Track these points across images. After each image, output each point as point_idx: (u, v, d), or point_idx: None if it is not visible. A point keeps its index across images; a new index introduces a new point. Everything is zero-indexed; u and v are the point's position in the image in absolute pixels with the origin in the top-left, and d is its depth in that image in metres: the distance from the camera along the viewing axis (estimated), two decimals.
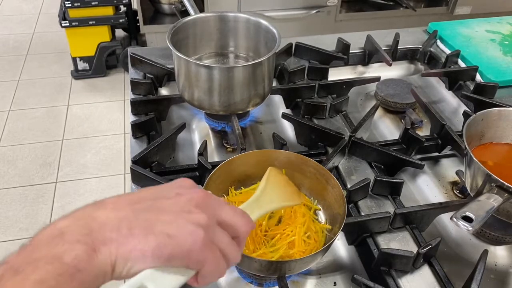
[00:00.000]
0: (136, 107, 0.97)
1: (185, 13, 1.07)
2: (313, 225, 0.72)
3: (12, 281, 0.35)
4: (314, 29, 2.38)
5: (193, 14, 1.02)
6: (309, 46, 1.14)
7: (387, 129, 1.03)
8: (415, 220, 0.77)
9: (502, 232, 0.77)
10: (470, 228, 0.61)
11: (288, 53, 1.15)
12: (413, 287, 0.68)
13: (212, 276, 0.44)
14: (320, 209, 0.77)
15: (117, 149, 2.32)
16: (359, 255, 0.77)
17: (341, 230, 0.67)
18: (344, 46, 1.16)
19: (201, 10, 1.28)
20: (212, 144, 0.97)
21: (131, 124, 0.92)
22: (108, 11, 2.51)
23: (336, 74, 1.15)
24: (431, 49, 1.22)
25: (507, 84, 1.10)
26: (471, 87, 1.06)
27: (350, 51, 1.17)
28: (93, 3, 2.44)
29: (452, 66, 1.16)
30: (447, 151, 0.94)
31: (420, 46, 1.22)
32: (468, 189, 0.78)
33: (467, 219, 0.62)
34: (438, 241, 0.70)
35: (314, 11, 2.34)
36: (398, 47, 1.19)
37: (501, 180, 0.67)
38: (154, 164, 0.86)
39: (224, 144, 0.96)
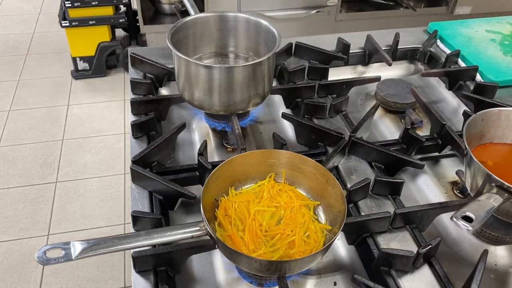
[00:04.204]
0: (136, 107, 0.97)
1: (185, 13, 1.07)
2: (313, 225, 0.72)
3: None
4: (314, 29, 2.38)
5: (193, 14, 1.02)
6: (309, 46, 1.14)
7: (387, 129, 1.03)
8: (415, 220, 0.77)
9: (502, 232, 0.77)
10: (470, 228, 0.61)
11: (288, 53, 1.15)
12: (413, 287, 0.68)
13: None
14: (319, 204, 0.77)
15: (117, 149, 2.32)
16: (359, 255, 0.77)
17: (341, 230, 0.67)
18: (344, 46, 1.16)
19: (201, 10, 1.28)
20: (212, 144, 0.97)
21: (131, 124, 0.92)
22: (108, 11, 2.51)
23: (336, 74, 1.16)
24: (431, 49, 1.22)
25: (507, 84, 1.10)
26: (471, 87, 1.06)
27: (350, 51, 1.17)
28: (93, 3, 2.44)
29: (452, 66, 1.16)
30: (447, 151, 0.94)
31: (420, 46, 1.22)
32: (468, 189, 0.78)
33: (467, 219, 0.62)
34: (438, 241, 0.70)
35: (314, 11, 2.34)
36: (398, 47, 1.19)
37: (501, 180, 0.67)
38: (154, 164, 0.86)
39: (224, 144, 0.96)
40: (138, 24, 2.44)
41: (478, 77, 1.11)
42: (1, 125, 2.43)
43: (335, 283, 0.72)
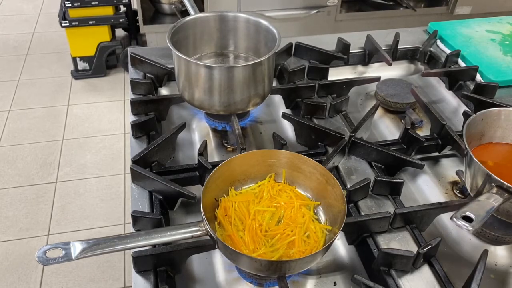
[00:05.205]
0: (136, 107, 0.97)
1: (185, 13, 1.07)
2: (313, 225, 0.72)
3: None
4: (314, 29, 2.38)
5: (193, 14, 1.02)
6: (309, 46, 1.14)
7: (387, 129, 1.03)
8: (415, 220, 0.77)
9: (502, 232, 0.77)
10: (470, 228, 0.61)
11: (288, 53, 1.15)
12: (413, 287, 0.68)
13: None
14: (319, 204, 0.77)
15: (117, 149, 2.32)
16: (359, 255, 0.77)
17: (341, 230, 0.67)
18: (344, 46, 1.16)
19: (201, 10, 1.28)
20: (212, 144, 0.97)
21: (131, 124, 0.92)
22: (108, 11, 2.51)
23: (336, 74, 1.16)
24: (431, 49, 1.22)
25: (507, 84, 1.10)
26: (471, 87, 1.06)
27: (350, 51, 1.17)
28: (93, 3, 2.44)
29: (452, 66, 1.16)
30: (447, 151, 0.94)
31: (420, 46, 1.22)
32: (468, 189, 0.78)
33: (467, 219, 0.62)
34: (438, 241, 0.70)
35: (314, 11, 2.34)
36: (398, 47, 1.19)
37: (501, 180, 0.67)
38: (154, 164, 0.86)
39: (224, 144, 0.96)
40: (138, 24, 2.44)
41: (478, 77, 1.11)
42: (1, 125, 2.43)
43: (335, 283, 0.72)
